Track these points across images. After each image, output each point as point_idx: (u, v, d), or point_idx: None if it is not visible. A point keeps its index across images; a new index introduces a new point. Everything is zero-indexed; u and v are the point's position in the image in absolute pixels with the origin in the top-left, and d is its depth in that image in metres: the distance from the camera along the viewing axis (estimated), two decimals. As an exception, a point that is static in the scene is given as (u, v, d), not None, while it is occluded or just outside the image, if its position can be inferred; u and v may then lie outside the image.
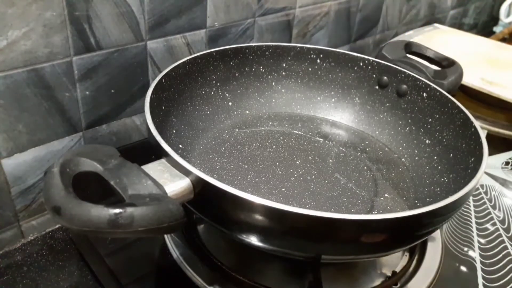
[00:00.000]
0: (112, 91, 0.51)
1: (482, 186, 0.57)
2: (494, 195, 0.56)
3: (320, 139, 0.54)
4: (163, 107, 0.44)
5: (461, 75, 0.51)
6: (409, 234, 0.34)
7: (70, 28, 0.44)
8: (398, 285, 0.41)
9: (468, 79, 0.69)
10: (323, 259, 0.34)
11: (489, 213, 0.53)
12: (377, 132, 0.54)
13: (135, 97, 0.54)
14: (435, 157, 0.47)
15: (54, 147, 0.48)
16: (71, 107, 0.48)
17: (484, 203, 0.54)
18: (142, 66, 0.53)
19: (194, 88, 0.50)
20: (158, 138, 0.35)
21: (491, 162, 0.60)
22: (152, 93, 0.41)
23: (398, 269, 0.42)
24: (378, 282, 0.41)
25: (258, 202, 0.29)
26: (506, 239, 0.48)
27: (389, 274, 0.42)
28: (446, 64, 0.51)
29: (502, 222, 0.51)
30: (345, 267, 0.43)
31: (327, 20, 0.77)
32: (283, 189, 0.45)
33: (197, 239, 0.43)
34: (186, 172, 0.32)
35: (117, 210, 0.27)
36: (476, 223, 0.51)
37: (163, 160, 0.34)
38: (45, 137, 0.47)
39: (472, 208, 0.53)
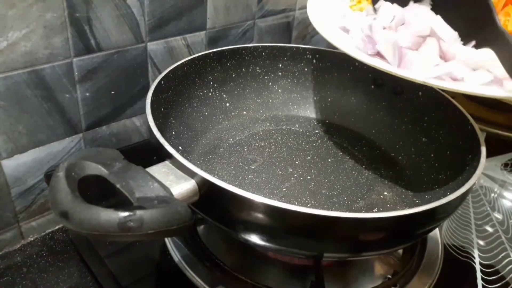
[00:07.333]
0: (112, 92, 0.51)
1: (481, 187, 0.57)
2: (493, 197, 0.56)
3: (318, 139, 0.54)
4: (162, 109, 0.44)
5: None
6: (408, 232, 0.34)
7: (70, 30, 0.45)
8: (398, 286, 0.41)
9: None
10: (324, 258, 0.35)
11: (488, 214, 0.53)
12: (373, 131, 0.55)
13: (135, 98, 0.54)
14: (432, 155, 0.47)
15: (54, 148, 0.48)
16: (71, 108, 0.48)
17: (483, 204, 0.54)
18: (142, 67, 0.53)
19: (192, 90, 0.51)
20: (162, 140, 0.35)
21: (490, 164, 0.60)
22: (152, 96, 0.41)
23: (398, 270, 0.42)
24: (378, 282, 0.41)
25: (265, 202, 0.30)
26: (505, 241, 0.48)
27: (389, 275, 0.42)
28: None
29: (502, 223, 0.51)
30: (345, 268, 0.43)
31: (327, 22, 0.77)
32: (284, 189, 0.45)
33: (197, 239, 0.43)
34: (192, 174, 0.32)
35: (127, 213, 0.27)
36: (476, 224, 0.51)
37: (167, 162, 0.34)
38: (45, 138, 0.47)
39: (471, 209, 0.53)
